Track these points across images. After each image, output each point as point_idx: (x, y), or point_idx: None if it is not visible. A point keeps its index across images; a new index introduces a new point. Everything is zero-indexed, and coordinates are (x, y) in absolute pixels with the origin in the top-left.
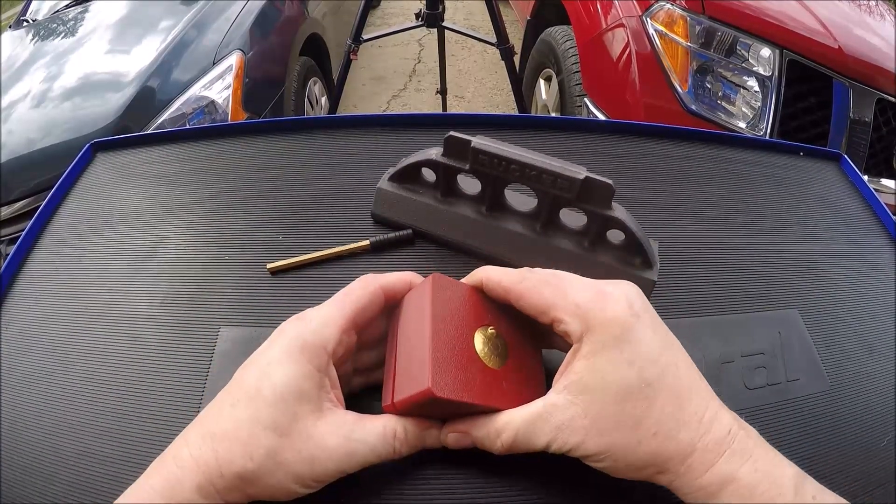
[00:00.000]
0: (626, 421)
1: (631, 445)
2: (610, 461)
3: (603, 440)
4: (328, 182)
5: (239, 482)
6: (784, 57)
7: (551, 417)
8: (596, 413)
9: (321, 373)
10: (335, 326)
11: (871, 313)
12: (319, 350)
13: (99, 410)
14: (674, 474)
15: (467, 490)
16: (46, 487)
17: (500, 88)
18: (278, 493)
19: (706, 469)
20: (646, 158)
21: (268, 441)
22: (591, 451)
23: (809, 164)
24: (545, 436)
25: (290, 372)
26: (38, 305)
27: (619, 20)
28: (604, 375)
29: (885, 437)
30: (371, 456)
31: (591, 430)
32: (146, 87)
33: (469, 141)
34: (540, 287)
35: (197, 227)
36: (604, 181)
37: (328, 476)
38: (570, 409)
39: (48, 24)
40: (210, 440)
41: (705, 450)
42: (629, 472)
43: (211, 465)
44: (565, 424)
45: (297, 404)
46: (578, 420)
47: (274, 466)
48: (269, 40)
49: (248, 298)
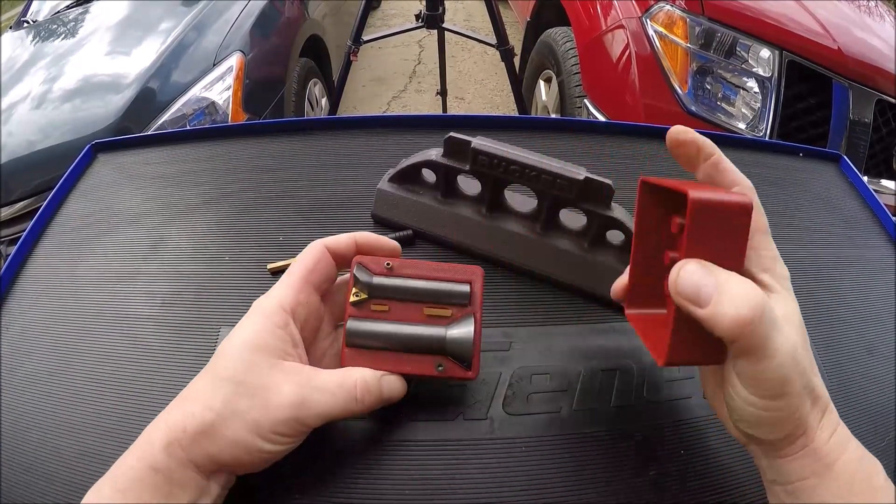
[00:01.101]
0: (809, 359)
1: (810, 383)
2: (796, 401)
3: (805, 373)
4: (329, 183)
5: (200, 437)
6: (784, 58)
7: (783, 327)
8: (802, 341)
9: (281, 329)
10: (288, 286)
11: (871, 313)
12: (276, 307)
13: (99, 410)
14: (812, 434)
15: (468, 491)
16: (47, 488)
17: (500, 90)
18: (240, 450)
19: (832, 431)
20: (645, 159)
21: (225, 389)
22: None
23: (809, 165)
24: (775, 334)
25: (248, 328)
26: (38, 306)
27: (618, 21)
28: (797, 315)
29: (885, 438)
30: (332, 405)
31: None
32: (146, 89)
33: (469, 142)
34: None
35: (197, 228)
36: (604, 181)
37: (285, 427)
38: (792, 329)
39: (48, 25)
40: (180, 401)
41: (831, 411)
42: (787, 423)
43: (177, 422)
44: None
45: (253, 354)
46: (799, 343)
47: (230, 414)
48: (269, 41)
49: (248, 299)
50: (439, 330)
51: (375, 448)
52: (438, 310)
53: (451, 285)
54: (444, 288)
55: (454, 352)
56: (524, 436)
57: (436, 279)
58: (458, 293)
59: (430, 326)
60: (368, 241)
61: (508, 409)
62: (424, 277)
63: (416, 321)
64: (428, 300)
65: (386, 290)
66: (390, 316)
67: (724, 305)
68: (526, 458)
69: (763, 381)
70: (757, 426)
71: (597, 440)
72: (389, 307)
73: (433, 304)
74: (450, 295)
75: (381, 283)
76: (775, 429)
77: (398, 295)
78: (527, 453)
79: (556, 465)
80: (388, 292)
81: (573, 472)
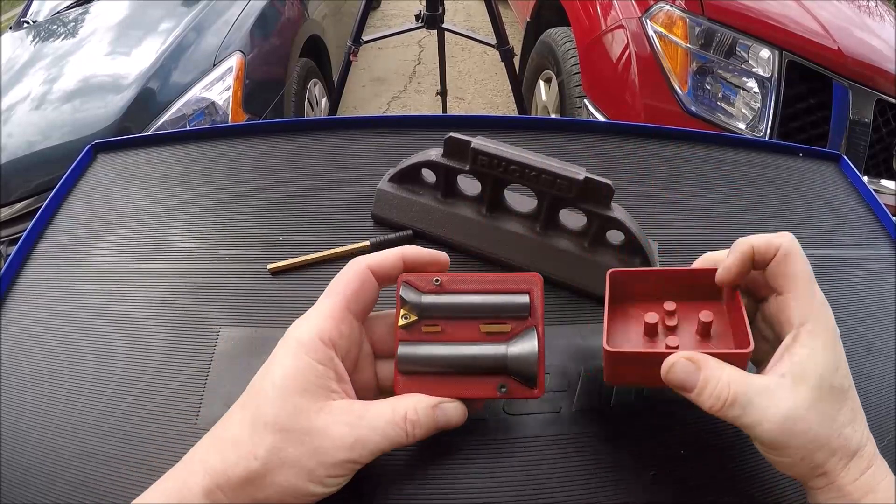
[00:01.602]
0: (827, 415)
1: (822, 439)
2: (800, 454)
3: (809, 432)
4: (328, 183)
5: (246, 485)
6: (783, 58)
7: (774, 395)
8: (811, 401)
9: (324, 366)
10: (329, 317)
11: (871, 313)
12: (316, 343)
13: (99, 411)
14: (833, 476)
15: (468, 491)
16: (47, 488)
17: (500, 90)
18: (289, 496)
19: (860, 474)
20: (645, 159)
21: (270, 438)
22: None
23: (809, 165)
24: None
25: (289, 367)
26: (38, 306)
27: (618, 21)
28: (823, 369)
29: (885, 438)
30: (383, 442)
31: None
32: (146, 89)
33: (469, 142)
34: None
35: (197, 228)
36: (603, 181)
37: (339, 469)
38: (792, 393)
39: (49, 26)
40: (218, 444)
41: (861, 457)
42: (800, 466)
43: (217, 469)
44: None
45: (298, 398)
46: (801, 405)
47: (279, 463)
48: (269, 42)
49: (249, 299)
50: (499, 348)
51: None
52: (496, 326)
53: (508, 297)
54: (500, 301)
55: (517, 370)
56: (524, 436)
57: (491, 292)
58: (516, 305)
59: (488, 345)
60: (416, 255)
61: (508, 408)
62: (478, 291)
63: (472, 340)
64: (484, 316)
65: (437, 310)
66: (444, 337)
67: (703, 396)
68: (526, 457)
69: (756, 440)
70: (776, 466)
71: (597, 440)
72: (442, 327)
73: (490, 319)
74: (507, 308)
75: (431, 301)
76: (790, 471)
77: (451, 313)
78: (527, 453)
79: (556, 464)
80: (439, 311)
81: (573, 472)
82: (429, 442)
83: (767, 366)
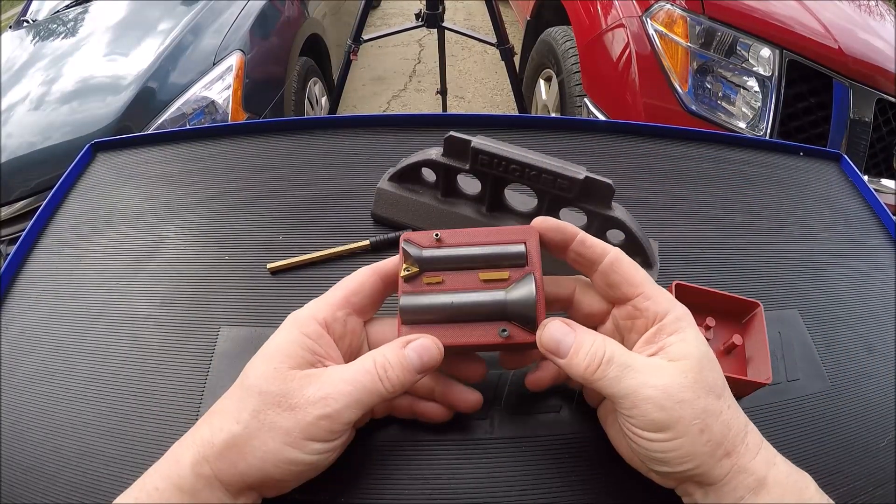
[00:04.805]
0: (712, 391)
1: (714, 409)
2: (697, 425)
3: (698, 400)
4: (328, 182)
5: (228, 451)
6: (784, 57)
7: (655, 367)
8: (695, 376)
9: (312, 339)
10: (327, 303)
11: (871, 313)
12: (309, 320)
13: (100, 410)
14: (737, 455)
15: (468, 490)
16: (48, 487)
17: (500, 89)
18: (269, 464)
19: (757, 450)
20: (646, 158)
21: (252, 401)
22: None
23: (809, 165)
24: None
25: (279, 339)
26: (38, 305)
27: (619, 20)
28: (700, 353)
29: (885, 437)
30: (356, 392)
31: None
32: (146, 88)
33: (469, 141)
34: (635, 267)
35: (197, 227)
36: (604, 181)
37: (316, 430)
38: (674, 368)
39: (48, 25)
40: (208, 417)
41: (753, 432)
42: (697, 446)
43: (205, 437)
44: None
45: (280, 363)
46: (685, 380)
47: (258, 426)
48: (269, 41)
49: (249, 298)
50: (498, 294)
51: (376, 447)
52: (495, 273)
53: (505, 247)
54: (498, 251)
55: (517, 314)
56: (524, 435)
57: (488, 244)
58: (513, 254)
59: (488, 292)
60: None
61: (508, 408)
62: (476, 244)
63: (472, 289)
64: (482, 265)
65: (437, 262)
66: (445, 287)
67: (578, 357)
68: (525, 457)
69: (639, 418)
70: (668, 462)
71: (596, 440)
72: (443, 278)
73: (488, 268)
74: (505, 257)
75: (431, 254)
76: (685, 459)
77: (451, 264)
78: (526, 453)
79: (555, 464)
80: (439, 263)
81: (573, 472)
82: (429, 440)
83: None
